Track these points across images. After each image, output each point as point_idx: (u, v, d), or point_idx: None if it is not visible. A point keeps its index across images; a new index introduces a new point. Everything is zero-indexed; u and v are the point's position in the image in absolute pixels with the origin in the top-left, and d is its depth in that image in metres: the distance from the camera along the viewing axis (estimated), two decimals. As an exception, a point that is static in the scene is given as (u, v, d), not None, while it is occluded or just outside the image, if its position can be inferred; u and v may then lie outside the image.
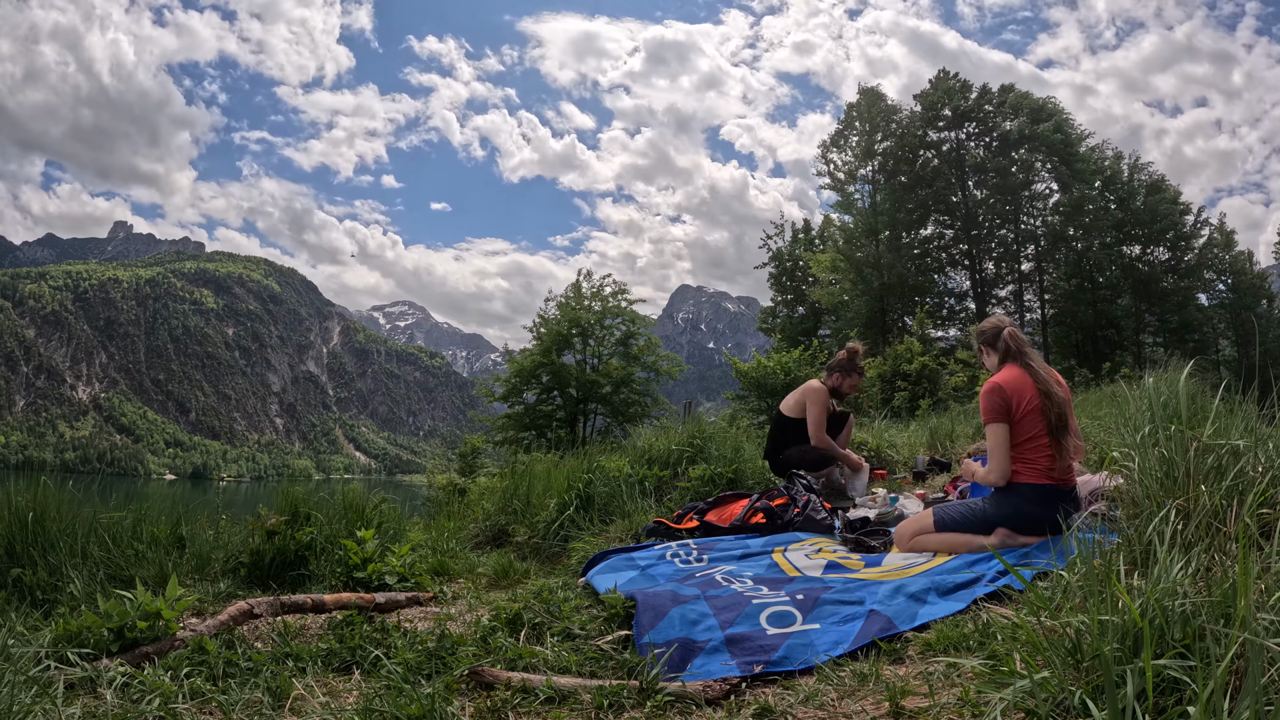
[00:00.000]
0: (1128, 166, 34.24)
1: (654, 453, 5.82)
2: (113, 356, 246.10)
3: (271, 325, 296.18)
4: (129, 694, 2.09)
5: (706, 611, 2.56)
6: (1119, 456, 2.75)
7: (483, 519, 5.19)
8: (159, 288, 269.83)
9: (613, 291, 25.32)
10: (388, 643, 2.54)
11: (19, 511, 3.34)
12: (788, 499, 4.37)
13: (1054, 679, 1.54)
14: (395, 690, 2.07)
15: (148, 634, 2.45)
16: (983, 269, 36.35)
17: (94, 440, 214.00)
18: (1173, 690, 1.43)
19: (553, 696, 2.03)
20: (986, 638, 2.13)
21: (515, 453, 16.55)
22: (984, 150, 35.40)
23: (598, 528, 4.63)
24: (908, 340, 18.29)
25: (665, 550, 3.73)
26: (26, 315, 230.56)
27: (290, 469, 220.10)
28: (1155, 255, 34.04)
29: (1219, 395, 2.63)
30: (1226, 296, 35.06)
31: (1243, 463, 2.17)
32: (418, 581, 3.58)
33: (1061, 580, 2.06)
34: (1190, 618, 1.53)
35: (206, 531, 4.02)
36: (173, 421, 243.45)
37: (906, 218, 34.87)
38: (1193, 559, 1.81)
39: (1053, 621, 1.70)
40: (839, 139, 36.36)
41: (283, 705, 2.07)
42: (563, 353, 24.33)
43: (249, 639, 2.67)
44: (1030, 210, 35.31)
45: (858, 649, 2.29)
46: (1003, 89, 35.58)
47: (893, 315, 34.83)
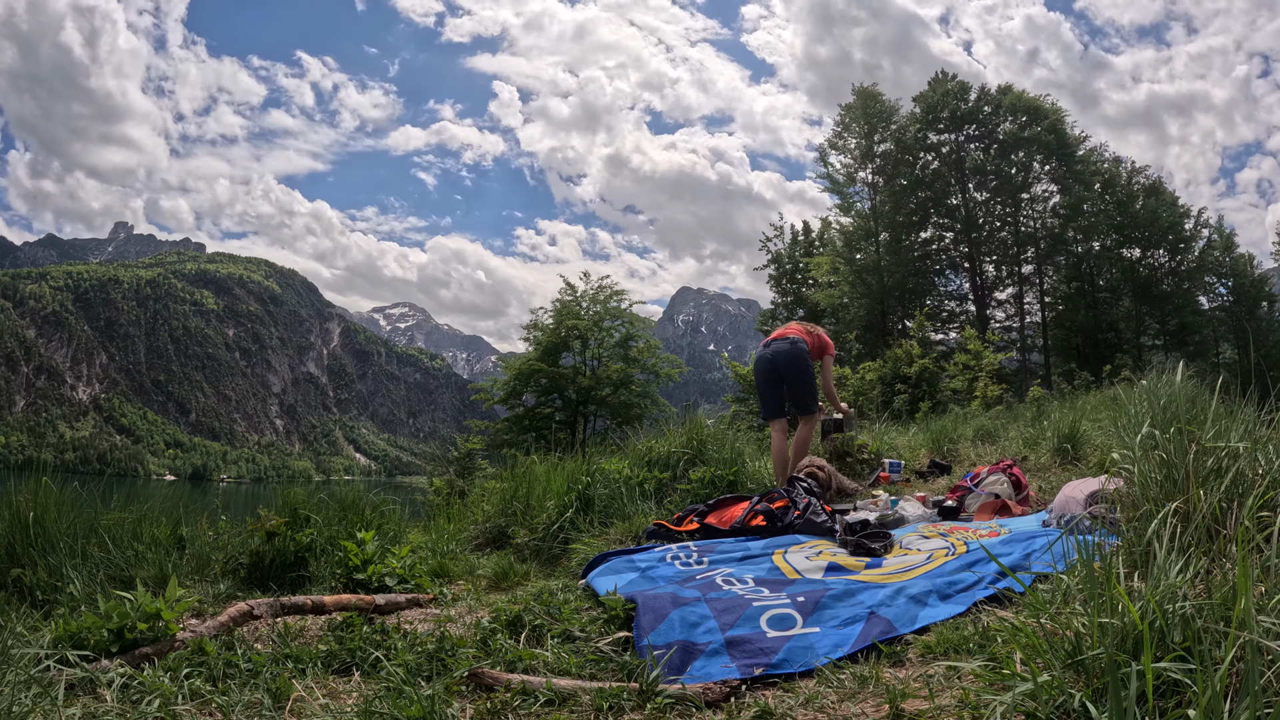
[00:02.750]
0: (1126, 169, 34.29)
1: (654, 455, 5.81)
2: (113, 357, 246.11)
3: (272, 326, 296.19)
4: (129, 695, 2.08)
5: (707, 614, 2.55)
6: (1118, 459, 2.75)
7: (482, 521, 5.19)
8: (159, 288, 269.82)
9: (610, 294, 25.27)
10: (388, 644, 2.54)
11: (19, 512, 3.35)
12: (788, 501, 4.37)
13: (1054, 682, 1.54)
14: (395, 692, 2.07)
15: (147, 635, 2.45)
16: (982, 272, 36.34)
17: (94, 441, 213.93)
18: (1173, 693, 1.43)
19: (553, 698, 2.03)
20: (987, 640, 2.13)
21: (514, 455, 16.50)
22: (983, 152, 35.41)
23: (598, 530, 4.63)
24: (907, 343, 18.30)
25: (665, 552, 3.72)
26: (27, 315, 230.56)
27: (290, 470, 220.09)
28: (1155, 258, 34.04)
29: (1217, 397, 2.64)
30: (1226, 299, 35.07)
31: (1242, 465, 2.18)
32: (418, 583, 3.58)
33: (1061, 583, 2.07)
34: (1190, 620, 1.53)
35: (206, 533, 4.02)
36: (173, 422, 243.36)
37: (906, 220, 34.88)
38: (1192, 562, 1.82)
39: (1053, 624, 1.71)
40: (837, 141, 36.40)
41: (283, 707, 2.07)
42: (560, 355, 24.31)
43: (249, 640, 2.67)
44: (1030, 213, 35.32)
45: (858, 651, 2.29)
46: (1000, 90, 35.56)
47: (892, 318, 34.85)
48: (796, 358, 5.69)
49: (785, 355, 5.73)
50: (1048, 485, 5.20)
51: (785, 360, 5.73)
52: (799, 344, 5.75)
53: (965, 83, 35.81)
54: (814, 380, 5.75)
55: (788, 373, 5.73)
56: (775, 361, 5.80)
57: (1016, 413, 9.84)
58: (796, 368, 5.69)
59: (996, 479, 4.78)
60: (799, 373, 5.70)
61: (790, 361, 5.71)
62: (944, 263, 36.85)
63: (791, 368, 5.70)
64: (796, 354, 5.70)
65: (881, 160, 35.24)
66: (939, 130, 35.92)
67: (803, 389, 5.71)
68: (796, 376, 5.71)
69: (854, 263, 33.87)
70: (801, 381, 5.71)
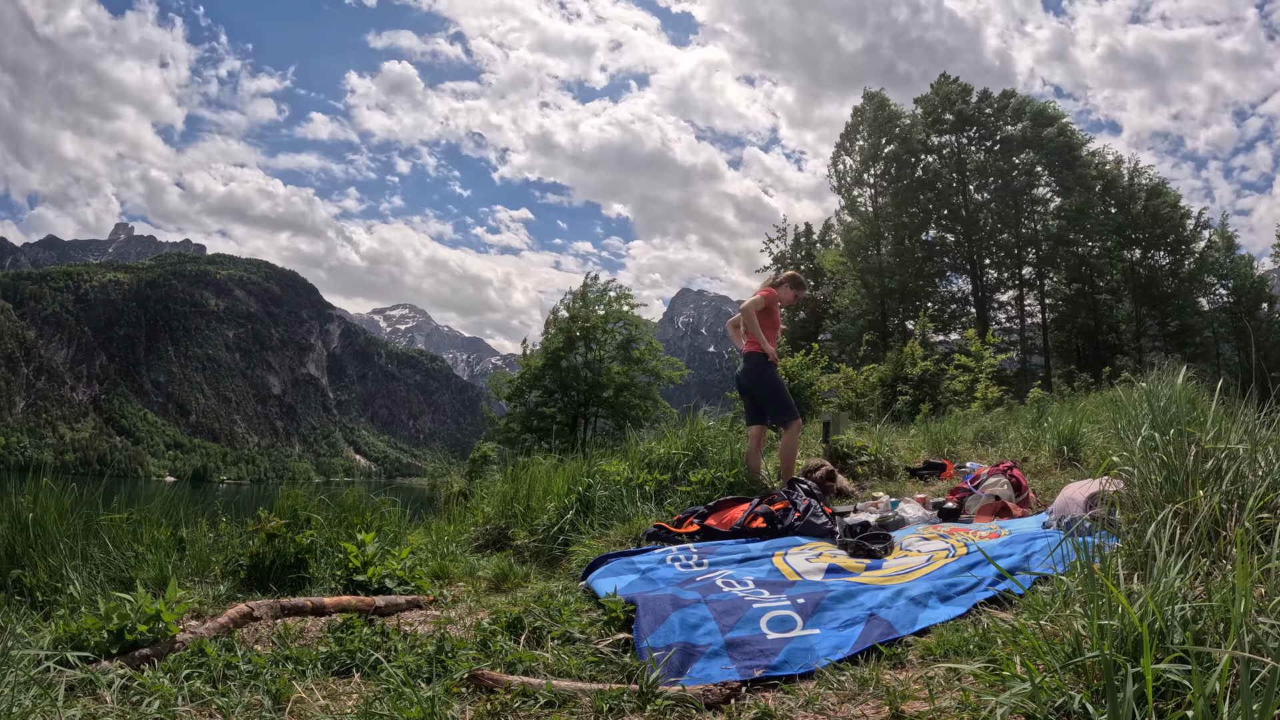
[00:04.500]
0: (1128, 171, 34.32)
1: (654, 457, 5.81)
2: (113, 358, 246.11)
3: (272, 327, 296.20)
4: (128, 696, 2.09)
5: (707, 615, 2.55)
6: (1118, 461, 2.75)
7: (483, 522, 5.19)
8: (159, 289, 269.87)
9: (616, 296, 25.47)
10: (388, 646, 2.54)
11: (19, 513, 3.35)
12: (788, 504, 4.38)
13: (1054, 683, 1.54)
14: (395, 693, 2.08)
15: (147, 636, 2.45)
16: (984, 273, 36.38)
17: (94, 442, 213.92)
18: (1173, 694, 1.43)
19: (553, 700, 2.03)
20: (987, 642, 2.13)
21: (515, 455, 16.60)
22: (985, 154, 35.46)
23: (598, 531, 4.63)
24: (910, 344, 18.29)
25: (666, 554, 3.72)
26: (27, 316, 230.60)
27: (290, 471, 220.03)
28: (1156, 259, 34.06)
29: (1216, 399, 2.64)
30: (1227, 300, 35.08)
31: (1242, 467, 2.18)
32: (418, 585, 3.58)
33: (1061, 585, 2.07)
34: (1190, 622, 1.53)
35: (206, 534, 4.02)
36: (173, 424, 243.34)
37: (910, 221, 34.93)
38: (1192, 563, 1.82)
39: (1053, 626, 1.71)
40: (846, 143, 36.60)
41: (282, 708, 2.07)
42: (567, 355, 24.45)
43: (249, 642, 2.67)
44: (1031, 214, 35.35)
45: (858, 653, 2.29)
46: (1004, 94, 35.67)
47: (894, 319, 34.87)
48: (751, 372, 5.81)
49: (745, 374, 5.88)
50: (1048, 487, 5.20)
51: (745, 377, 5.87)
52: (751, 357, 5.82)
53: (967, 85, 35.93)
54: (778, 391, 5.79)
55: (751, 388, 5.84)
56: (740, 381, 5.99)
57: (1017, 414, 9.83)
58: (755, 380, 5.80)
59: (997, 481, 4.78)
60: (759, 384, 5.79)
61: (749, 379, 5.83)
62: (945, 264, 36.90)
63: (752, 381, 5.81)
64: (750, 370, 5.82)
65: (885, 162, 35.34)
66: (941, 132, 36.00)
67: (770, 401, 5.77)
68: (759, 389, 5.81)
69: (857, 264, 33.93)
70: (765, 393, 5.78)
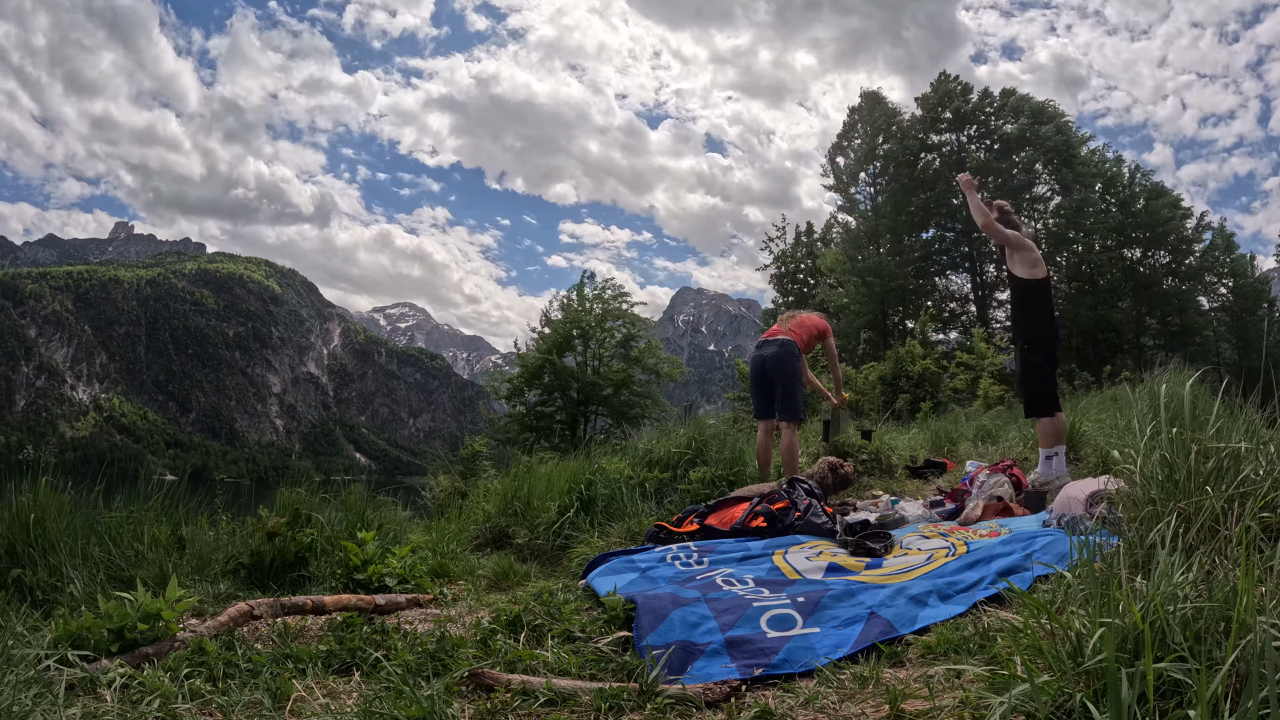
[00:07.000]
0: (1129, 169, 34.31)
1: (654, 455, 5.81)
2: (113, 357, 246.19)
3: (272, 326, 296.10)
4: (129, 695, 2.08)
5: (707, 614, 2.55)
6: (1120, 459, 2.75)
7: (483, 521, 5.19)
8: (160, 288, 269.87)
9: (614, 295, 25.48)
10: (388, 644, 2.54)
11: (20, 512, 3.34)
12: (788, 503, 4.37)
13: (1055, 682, 1.54)
14: (395, 692, 2.07)
15: (148, 635, 2.45)
16: (984, 272, 36.34)
17: (94, 440, 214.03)
18: (1174, 693, 1.43)
19: (553, 699, 2.03)
20: (987, 641, 2.13)
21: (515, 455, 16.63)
22: (985, 153, 35.43)
23: (598, 530, 4.63)
24: (910, 343, 18.29)
25: (666, 553, 3.72)
26: (27, 315, 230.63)
27: (290, 470, 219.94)
28: (1156, 258, 34.03)
29: (1219, 398, 2.64)
30: (1227, 299, 35.07)
31: (1244, 466, 2.17)
32: (418, 583, 3.58)
33: (1062, 583, 2.06)
34: (1191, 621, 1.53)
35: (207, 533, 4.02)
36: (173, 422, 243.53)
37: (908, 220, 34.92)
38: (1194, 562, 1.81)
39: (1054, 625, 1.70)
40: (843, 141, 36.58)
41: (283, 707, 2.07)
42: (564, 354, 24.45)
43: (249, 640, 2.66)
44: (1031, 213, 35.30)
45: (858, 652, 2.29)
46: (1004, 92, 35.66)
47: (894, 318, 34.86)
48: (783, 361, 5.75)
49: (773, 359, 5.81)
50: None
51: (773, 363, 5.81)
52: (788, 345, 5.79)
53: (967, 83, 35.93)
54: (799, 387, 5.79)
55: (776, 375, 5.79)
56: (764, 365, 5.88)
57: (1017, 413, 9.82)
58: (784, 371, 5.74)
59: (997, 480, 4.77)
60: (786, 376, 5.76)
61: (777, 364, 5.76)
62: (945, 263, 36.88)
63: (779, 371, 5.74)
64: (783, 356, 5.76)
65: (883, 160, 35.34)
66: (940, 130, 35.99)
67: (788, 394, 5.75)
68: (784, 380, 5.77)
69: (857, 262, 33.93)
70: (788, 385, 5.75)
